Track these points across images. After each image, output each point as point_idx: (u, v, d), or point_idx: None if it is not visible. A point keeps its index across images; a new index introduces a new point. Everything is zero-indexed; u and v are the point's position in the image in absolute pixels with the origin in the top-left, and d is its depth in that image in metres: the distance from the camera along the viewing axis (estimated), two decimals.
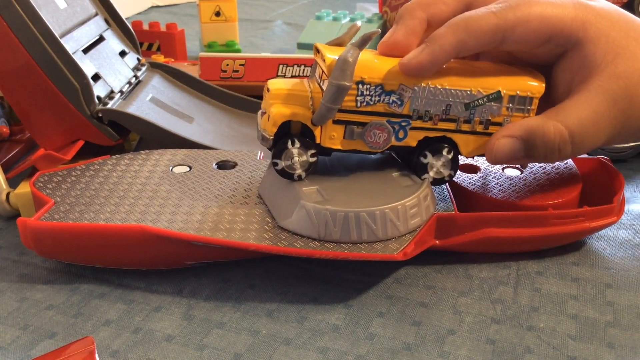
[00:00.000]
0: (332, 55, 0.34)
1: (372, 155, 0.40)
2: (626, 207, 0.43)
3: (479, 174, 0.42)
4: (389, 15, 0.81)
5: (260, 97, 0.56)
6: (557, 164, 0.42)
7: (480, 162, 0.43)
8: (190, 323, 0.33)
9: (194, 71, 0.60)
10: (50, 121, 0.44)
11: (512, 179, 0.41)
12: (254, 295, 0.35)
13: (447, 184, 0.40)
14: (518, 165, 0.42)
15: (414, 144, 0.36)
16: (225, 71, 0.59)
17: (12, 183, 0.43)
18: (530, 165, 0.42)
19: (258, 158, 0.43)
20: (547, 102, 0.37)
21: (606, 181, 0.41)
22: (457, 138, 0.36)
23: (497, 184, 0.40)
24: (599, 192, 0.41)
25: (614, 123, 0.35)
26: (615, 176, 0.40)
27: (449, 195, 0.39)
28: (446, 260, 0.38)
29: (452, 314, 0.33)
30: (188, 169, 0.42)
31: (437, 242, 0.37)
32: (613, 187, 0.40)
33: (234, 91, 0.56)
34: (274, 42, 0.95)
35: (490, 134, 0.36)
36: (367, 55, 0.36)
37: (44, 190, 0.38)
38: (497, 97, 0.35)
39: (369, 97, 0.34)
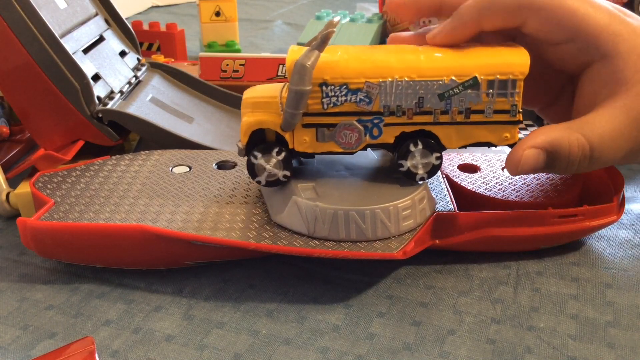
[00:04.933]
0: (293, 57, 0.33)
1: (375, 155, 0.40)
2: (626, 207, 0.43)
3: (479, 174, 0.42)
4: (389, 15, 0.81)
5: None
6: None
7: (480, 161, 0.43)
8: (190, 323, 0.33)
9: (194, 71, 0.60)
10: (50, 121, 0.44)
11: (512, 179, 0.41)
12: (254, 295, 0.35)
13: (447, 183, 0.40)
14: None
15: (391, 140, 0.35)
16: (225, 71, 0.59)
17: (12, 183, 0.43)
18: None
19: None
20: (570, 110, 0.36)
21: (606, 181, 0.41)
22: (437, 131, 0.35)
23: (497, 183, 0.40)
24: (599, 192, 0.41)
25: (631, 143, 0.34)
26: (615, 176, 0.40)
27: (449, 195, 0.39)
28: (446, 260, 0.38)
29: (452, 314, 0.33)
30: (188, 169, 0.42)
31: (437, 241, 0.37)
32: (613, 186, 0.40)
33: (234, 91, 0.56)
34: (274, 42, 0.95)
35: (474, 123, 0.34)
36: (332, 54, 0.34)
37: (44, 190, 0.38)
38: (473, 84, 0.33)
39: (335, 98, 0.34)
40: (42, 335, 0.32)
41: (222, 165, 0.42)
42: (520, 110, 0.34)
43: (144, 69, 0.55)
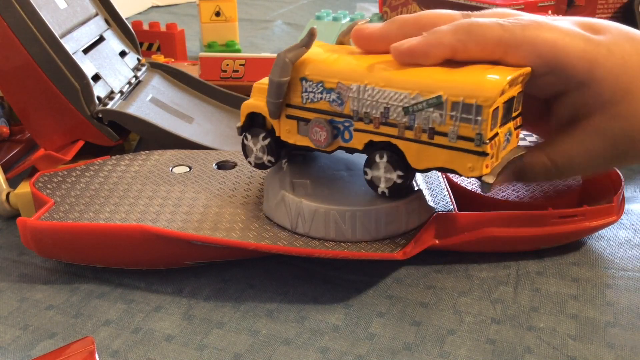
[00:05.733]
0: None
1: None
2: (626, 207, 0.43)
3: None
4: (389, 15, 0.80)
5: None
6: None
7: None
8: (190, 323, 0.33)
9: (194, 71, 0.60)
10: (50, 121, 0.44)
11: None
12: (254, 295, 0.35)
13: (447, 183, 0.40)
14: None
15: (360, 147, 0.34)
16: (225, 71, 0.59)
17: (12, 183, 0.43)
18: None
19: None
20: (549, 127, 0.36)
21: (606, 181, 0.41)
22: (402, 145, 0.33)
23: None
24: (599, 192, 0.41)
25: (609, 160, 0.34)
26: (615, 176, 0.40)
27: (449, 195, 0.39)
28: (446, 260, 0.38)
29: (452, 314, 0.33)
30: (188, 169, 0.42)
31: (436, 241, 0.37)
32: (613, 186, 0.40)
33: (234, 91, 0.56)
34: (274, 42, 0.95)
35: (437, 146, 0.31)
36: (319, 52, 0.35)
37: (44, 190, 0.38)
38: (437, 102, 0.31)
39: (312, 94, 0.34)
40: (42, 335, 0.32)
41: (222, 165, 0.42)
42: (487, 141, 0.30)
43: (144, 69, 0.55)
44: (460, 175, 0.32)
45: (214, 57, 0.59)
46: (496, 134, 0.31)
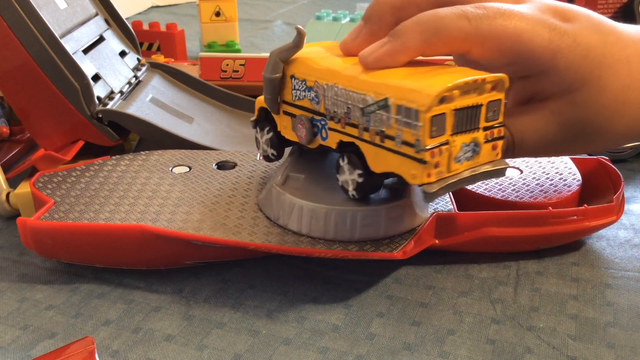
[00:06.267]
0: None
1: None
2: (626, 207, 0.43)
3: None
4: None
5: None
6: (557, 164, 0.43)
7: None
8: (190, 323, 0.33)
9: (194, 71, 0.60)
10: (50, 121, 0.44)
11: (511, 179, 0.41)
12: (254, 295, 0.35)
13: None
14: (517, 165, 0.42)
15: (334, 146, 0.34)
16: (225, 71, 0.59)
17: (12, 183, 0.43)
18: (529, 165, 0.42)
19: (257, 158, 0.43)
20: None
21: (606, 181, 0.41)
22: (362, 147, 0.32)
23: (497, 183, 0.40)
24: (598, 192, 0.41)
25: (559, 144, 0.34)
26: (615, 176, 0.40)
27: (449, 195, 0.39)
28: (446, 260, 0.38)
29: (452, 314, 0.33)
30: (188, 169, 0.42)
31: (436, 241, 0.37)
32: (613, 187, 0.40)
33: (234, 91, 0.56)
34: (274, 42, 0.95)
35: (388, 150, 0.31)
36: (310, 51, 0.36)
37: (44, 190, 0.38)
38: (384, 105, 0.30)
39: (299, 92, 0.35)
40: (42, 335, 0.32)
41: (222, 165, 0.42)
42: (425, 148, 0.29)
43: (144, 69, 0.55)
44: (409, 183, 0.31)
45: (214, 57, 0.59)
46: (445, 143, 0.29)
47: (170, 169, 0.42)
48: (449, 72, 0.31)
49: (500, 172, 0.32)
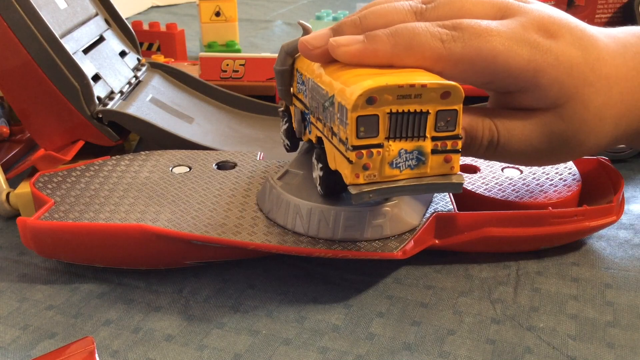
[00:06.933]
0: None
1: None
2: (626, 207, 0.43)
3: (479, 175, 0.42)
4: None
5: (260, 97, 0.57)
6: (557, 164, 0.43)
7: (480, 162, 0.43)
8: (190, 323, 0.33)
9: (194, 71, 0.60)
10: (50, 121, 0.44)
11: (511, 179, 0.41)
12: (254, 295, 0.35)
13: None
14: (517, 165, 0.42)
15: (315, 140, 0.34)
16: (225, 71, 0.59)
17: (12, 183, 0.43)
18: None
19: (258, 158, 0.43)
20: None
21: (606, 181, 0.41)
22: (325, 143, 0.32)
23: (497, 183, 0.40)
24: (598, 192, 0.41)
25: (541, 153, 0.35)
26: (615, 176, 0.40)
27: (449, 195, 0.39)
28: (446, 260, 0.38)
29: (452, 314, 0.33)
30: (188, 169, 0.42)
31: (436, 241, 0.37)
32: (613, 187, 0.40)
33: (234, 91, 0.56)
34: (274, 42, 0.95)
35: (334, 147, 0.30)
36: None
37: (44, 190, 0.38)
38: (332, 103, 0.30)
39: (299, 85, 0.36)
40: (42, 335, 0.32)
41: (222, 166, 0.42)
42: (350, 147, 0.28)
43: (144, 69, 0.55)
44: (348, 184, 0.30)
45: (214, 57, 0.59)
46: (376, 145, 0.29)
47: (170, 169, 0.42)
48: (395, 74, 0.30)
49: (453, 187, 0.30)
